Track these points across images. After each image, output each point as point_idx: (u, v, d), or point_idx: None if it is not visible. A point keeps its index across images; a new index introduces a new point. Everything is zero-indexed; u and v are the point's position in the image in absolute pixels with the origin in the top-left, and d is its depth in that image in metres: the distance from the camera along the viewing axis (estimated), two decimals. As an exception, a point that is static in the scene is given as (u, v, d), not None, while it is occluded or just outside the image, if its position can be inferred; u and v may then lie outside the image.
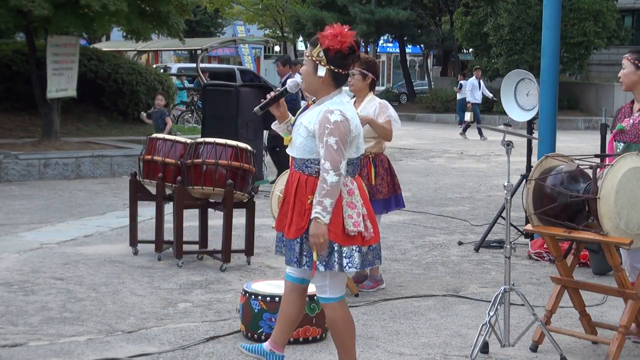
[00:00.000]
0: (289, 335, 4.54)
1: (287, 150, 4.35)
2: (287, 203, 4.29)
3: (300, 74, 4.34)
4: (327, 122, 4.10)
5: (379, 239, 4.34)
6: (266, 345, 4.46)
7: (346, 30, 4.15)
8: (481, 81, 24.39)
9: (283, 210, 4.33)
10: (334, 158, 4.06)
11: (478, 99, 23.60)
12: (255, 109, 4.43)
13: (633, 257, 5.19)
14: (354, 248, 4.16)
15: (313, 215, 4.06)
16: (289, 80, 4.42)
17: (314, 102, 4.33)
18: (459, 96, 26.18)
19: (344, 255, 4.15)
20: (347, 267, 4.16)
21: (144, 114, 14.11)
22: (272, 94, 4.39)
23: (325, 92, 4.23)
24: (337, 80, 4.22)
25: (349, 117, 4.16)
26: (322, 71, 4.17)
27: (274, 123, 4.54)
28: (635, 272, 5.16)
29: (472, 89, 23.73)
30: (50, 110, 14.01)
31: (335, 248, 4.14)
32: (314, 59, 4.18)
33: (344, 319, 4.30)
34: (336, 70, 4.18)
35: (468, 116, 23.37)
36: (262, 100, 4.46)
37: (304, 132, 4.21)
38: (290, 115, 4.48)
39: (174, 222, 7.39)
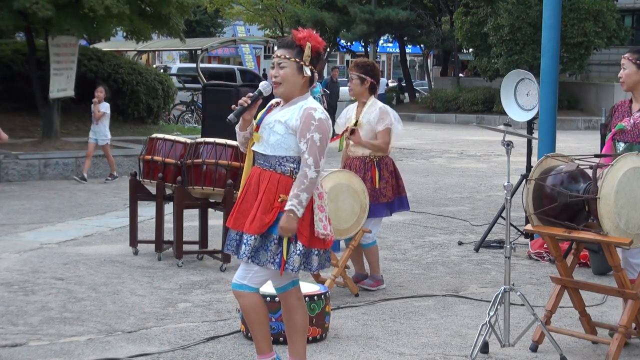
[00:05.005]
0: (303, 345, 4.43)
1: (255, 148, 4.27)
2: (249, 200, 4.20)
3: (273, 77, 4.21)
4: (312, 118, 4.11)
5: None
6: None
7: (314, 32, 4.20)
8: None
9: (241, 208, 4.22)
10: (317, 155, 4.08)
11: None
12: (230, 116, 4.25)
13: (629, 251, 5.13)
14: (313, 251, 4.17)
15: (288, 207, 4.04)
16: (262, 83, 4.34)
17: (277, 103, 4.30)
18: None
19: (304, 255, 4.14)
20: (303, 268, 4.16)
21: None
22: (245, 99, 4.27)
23: (301, 93, 4.23)
24: (311, 81, 4.24)
25: (327, 116, 4.20)
26: (308, 71, 4.18)
27: (238, 133, 4.38)
28: (629, 266, 5.14)
29: None
30: (50, 110, 14.01)
31: (300, 249, 4.12)
32: (301, 60, 4.15)
33: (254, 308, 4.23)
34: (314, 70, 4.21)
35: None
36: (233, 107, 4.31)
37: (281, 129, 4.16)
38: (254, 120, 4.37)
39: (174, 222, 7.39)
